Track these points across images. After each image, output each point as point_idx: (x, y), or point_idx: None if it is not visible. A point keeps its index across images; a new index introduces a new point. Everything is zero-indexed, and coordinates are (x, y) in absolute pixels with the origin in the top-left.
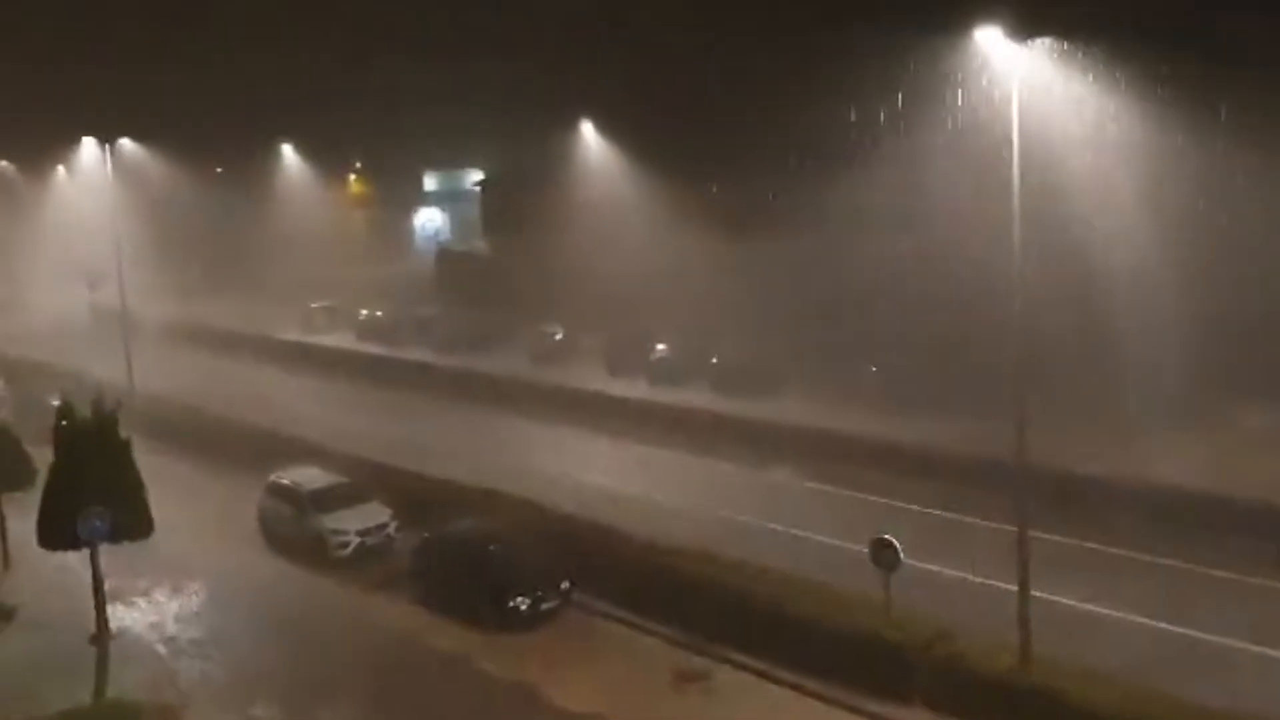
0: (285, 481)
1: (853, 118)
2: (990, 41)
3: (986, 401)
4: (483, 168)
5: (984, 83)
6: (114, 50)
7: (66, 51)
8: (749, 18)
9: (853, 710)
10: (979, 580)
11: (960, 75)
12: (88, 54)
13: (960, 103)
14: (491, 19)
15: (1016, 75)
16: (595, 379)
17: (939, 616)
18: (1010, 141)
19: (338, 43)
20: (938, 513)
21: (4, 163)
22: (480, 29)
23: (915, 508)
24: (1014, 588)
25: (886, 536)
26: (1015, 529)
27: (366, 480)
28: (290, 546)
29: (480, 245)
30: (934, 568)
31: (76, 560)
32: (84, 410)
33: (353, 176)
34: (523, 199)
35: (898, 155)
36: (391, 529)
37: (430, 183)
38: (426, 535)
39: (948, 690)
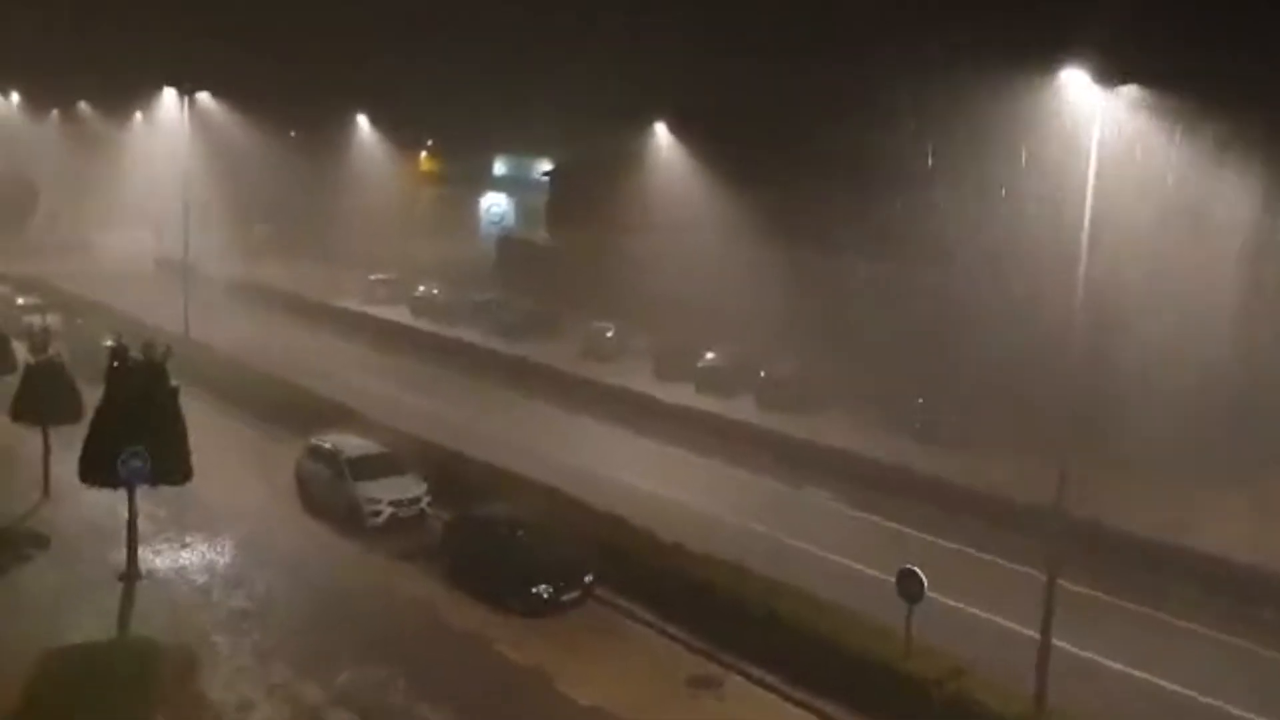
0: (326, 445)
1: (930, 146)
2: (1076, 83)
3: (1033, 446)
4: (553, 157)
5: (1066, 124)
6: (205, 5)
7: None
8: (839, 36)
9: None
10: (1002, 622)
11: (1043, 114)
12: (173, 2)
13: (1041, 143)
14: (581, 11)
15: (1098, 118)
16: (642, 380)
17: (958, 653)
18: (1086, 184)
19: (423, 19)
20: (970, 551)
21: (84, 104)
22: (567, 20)
23: (947, 543)
24: (1036, 634)
25: (913, 568)
26: (1044, 575)
27: (404, 452)
28: (324, 509)
29: (542, 235)
30: (959, 605)
31: (114, 498)
32: (136, 353)
33: (424, 153)
34: (589, 193)
35: (971, 187)
36: (425, 503)
37: (500, 167)
38: (458, 513)
39: None
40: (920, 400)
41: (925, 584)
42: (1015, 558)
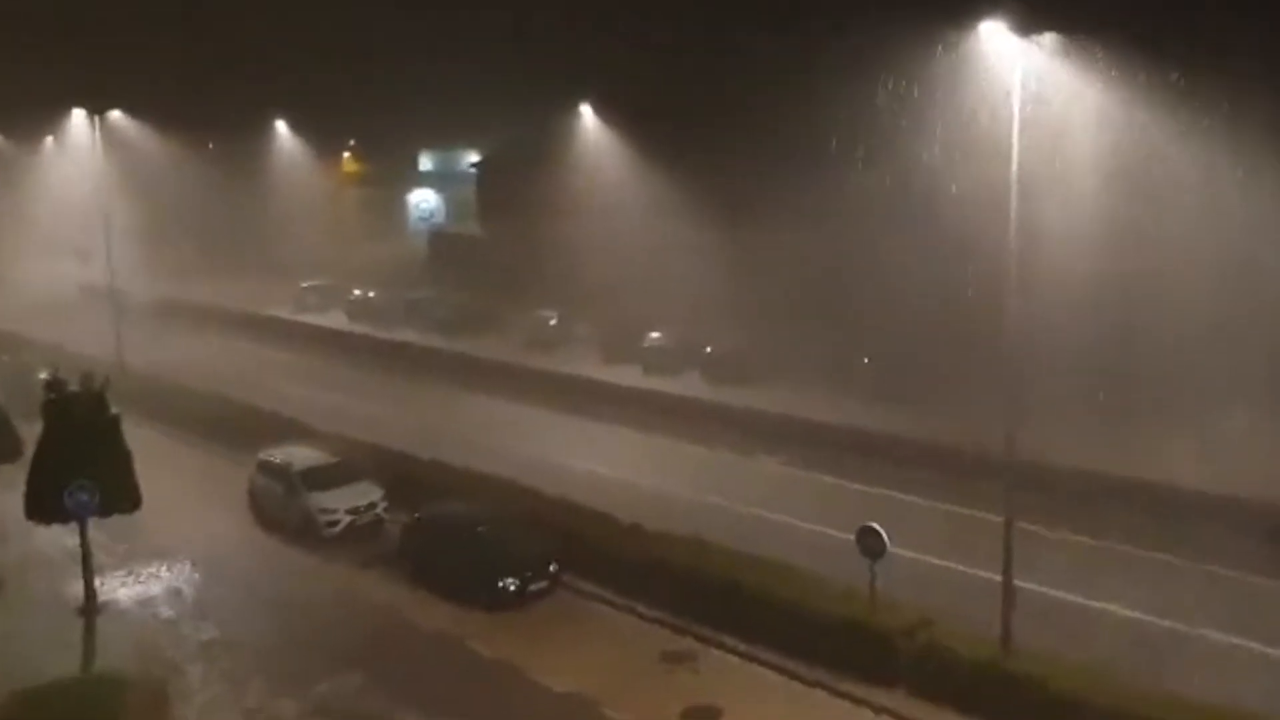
0: (275, 459)
1: (852, 110)
2: (995, 35)
3: (979, 396)
4: (479, 149)
5: (987, 78)
6: (105, 19)
7: (57, 20)
8: (753, 5)
9: (836, 693)
10: (965, 569)
11: (964, 69)
12: (79, 22)
13: (963, 97)
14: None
15: (1019, 70)
16: (589, 365)
17: (923, 604)
18: (1010, 136)
19: (334, 18)
20: (926, 502)
21: None
22: (481, 8)
23: (903, 496)
24: (996, 577)
25: (873, 524)
26: (1001, 519)
27: (356, 460)
28: (280, 523)
29: (474, 227)
30: (921, 557)
31: (64, 533)
32: (72, 385)
33: (347, 154)
34: (519, 181)
35: (896, 148)
36: (381, 508)
37: (425, 163)
38: (416, 515)
39: (930, 676)
40: (865, 360)
41: (886, 540)
42: (971, 504)
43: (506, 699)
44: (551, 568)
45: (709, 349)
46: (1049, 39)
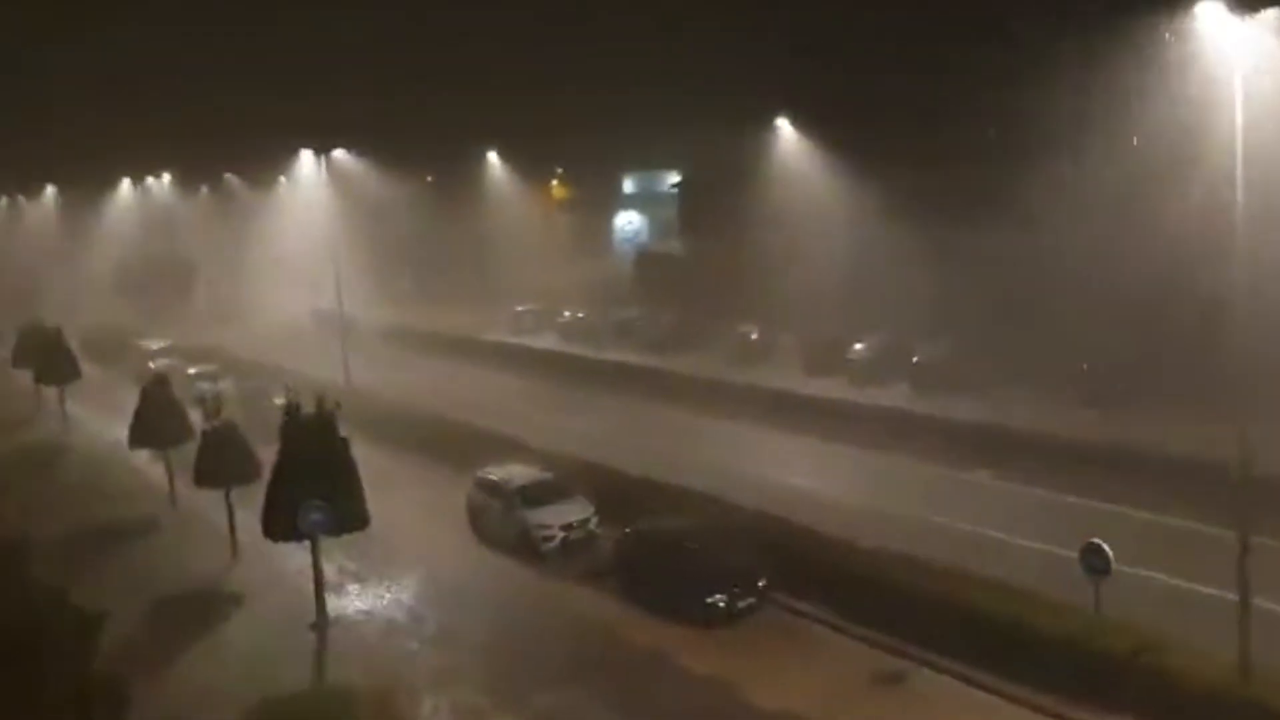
0: (493, 477)
1: (1059, 105)
2: (1211, 16)
3: (1206, 403)
4: (680, 169)
5: (1205, 61)
6: (329, 66)
7: (284, 67)
8: (957, 9)
9: (1058, 718)
10: (1197, 588)
11: (1180, 53)
12: (304, 69)
13: (1179, 83)
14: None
15: (1240, 53)
16: (792, 378)
17: (1151, 625)
18: (1233, 123)
19: (537, 51)
20: (1153, 517)
21: (229, 176)
22: (677, 29)
23: (1129, 511)
24: (1233, 597)
25: (1097, 541)
26: (1236, 535)
27: (569, 476)
28: (497, 539)
29: (676, 246)
30: (1149, 574)
31: (298, 550)
32: (307, 409)
33: (555, 182)
34: (718, 198)
35: (1108, 141)
36: (594, 524)
37: (629, 185)
38: (627, 531)
39: (1159, 701)
40: (1084, 367)
41: (1111, 557)
42: (1203, 519)
43: (720, 717)
44: (760, 584)
45: (916, 358)
46: (1272, 15)
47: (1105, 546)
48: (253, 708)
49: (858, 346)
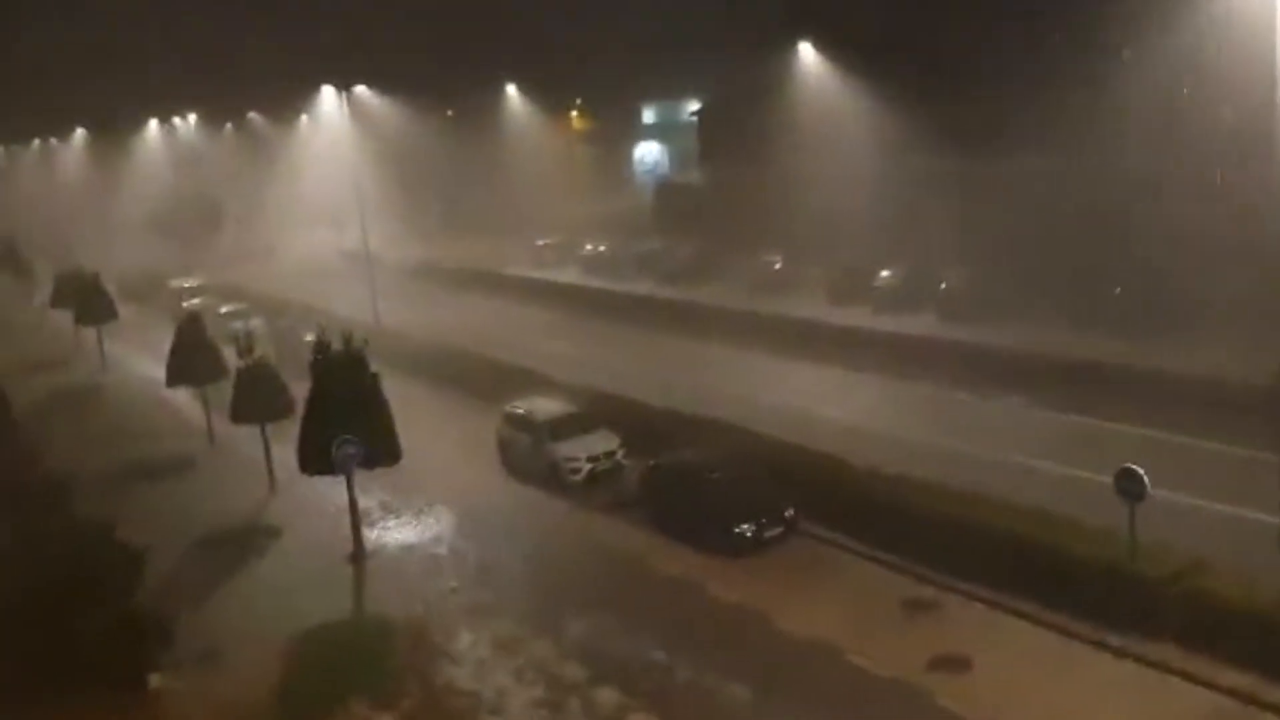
0: (520, 411)
1: (1090, 32)
2: None
3: (1244, 328)
4: (700, 98)
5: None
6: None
7: (304, 4)
8: None
9: (1097, 644)
10: (1237, 511)
11: None
12: (324, 6)
13: (1211, 15)
14: None
15: None
16: (816, 307)
17: (1189, 549)
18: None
19: None
20: (1187, 440)
21: (253, 114)
22: None
23: (1162, 434)
24: (1274, 519)
25: (1132, 466)
26: (1275, 457)
27: (594, 409)
28: (526, 472)
29: (697, 176)
30: (1185, 499)
31: (333, 484)
32: (336, 345)
33: (574, 113)
34: (739, 126)
35: (1137, 71)
36: (620, 455)
37: (648, 115)
38: (652, 462)
39: (1200, 625)
40: (1116, 291)
41: (1146, 481)
42: (1238, 442)
43: (750, 643)
44: (787, 513)
45: (943, 285)
46: None
47: (1140, 471)
48: (292, 639)
49: (883, 274)
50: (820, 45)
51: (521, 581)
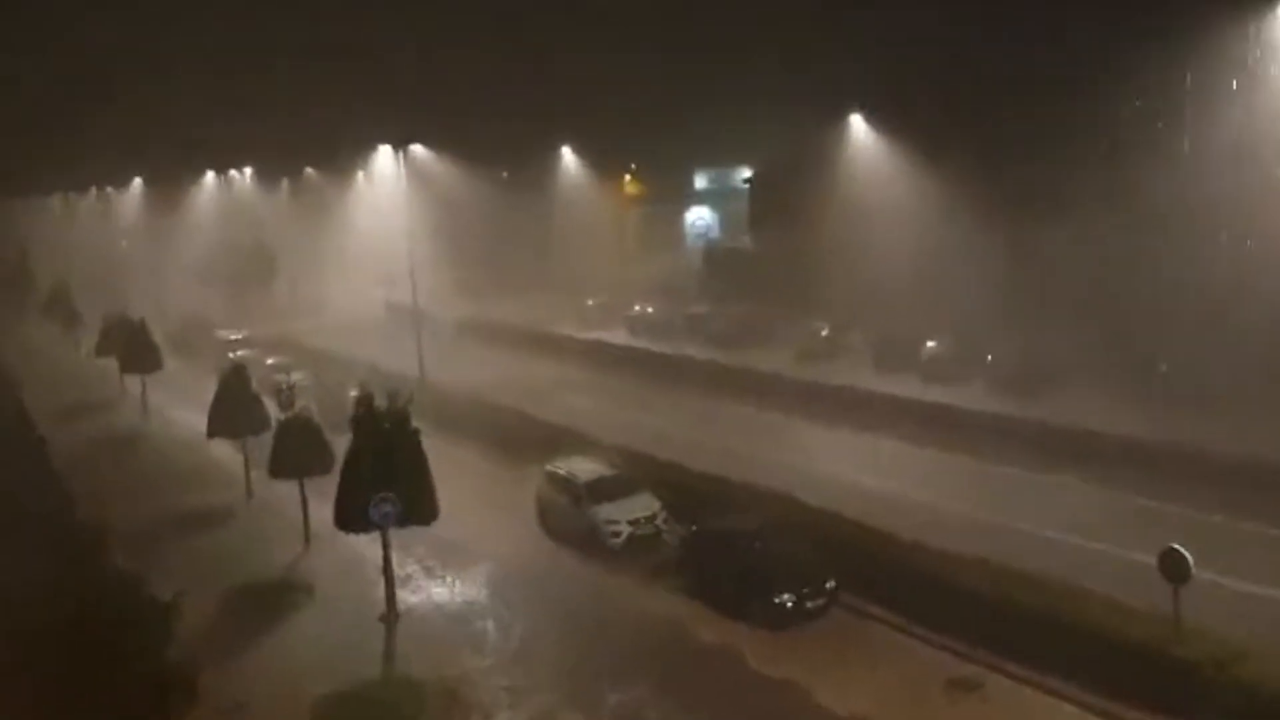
0: (561, 471)
1: (1138, 104)
2: None
3: None
4: (752, 164)
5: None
6: (407, 62)
7: (363, 66)
8: (1024, 5)
9: None
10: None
11: (1261, 54)
12: (382, 68)
13: (1260, 82)
14: (761, 12)
15: None
16: (863, 376)
17: (1234, 634)
18: None
19: (614, 45)
20: (1236, 521)
21: (309, 170)
22: (748, 25)
23: (1210, 515)
24: None
25: (1176, 546)
26: None
27: (636, 471)
28: (566, 534)
29: (747, 241)
30: (1233, 582)
31: (369, 542)
32: (380, 401)
33: (628, 177)
34: (790, 194)
35: (1183, 138)
36: (661, 520)
37: (701, 181)
38: (694, 528)
39: (1245, 715)
40: (1163, 368)
41: (1191, 562)
42: None
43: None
44: (829, 584)
45: (990, 357)
46: None
47: (1184, 552)
48: (321, 698)
49: (930, 344)
50: (870, 117)
51: (557, 649)
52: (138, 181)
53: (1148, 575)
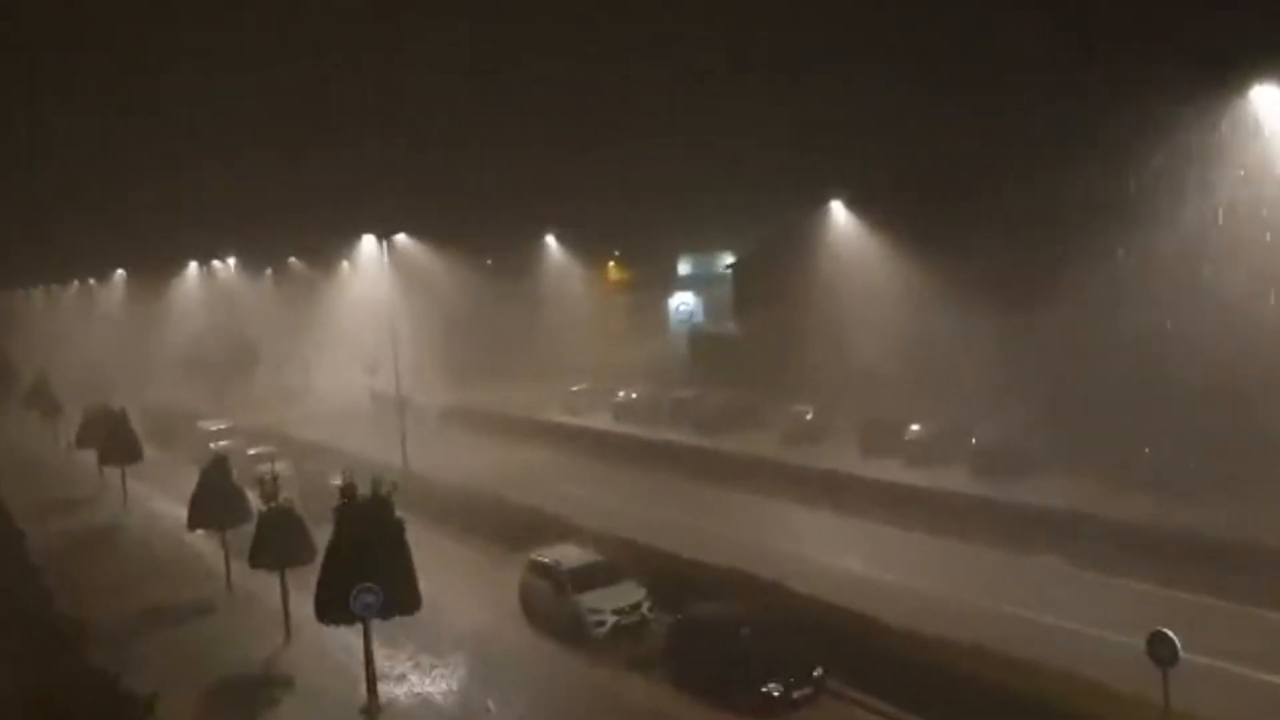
0: (545, 560)
1: (1118, 185)
2: (1268, 99)
3: (1273, 489)
4: (734, 250)
5: (1262, 144)
6: (391, 153)
7: (346, 157)
8: (1003, 82)
9: None
10: (1269, 679)
11: (1236, 135)
12: (365, 157)
13: (1235, 166)
14: (740, 105)
15: None
16: (847, 460)
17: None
18: None
19: (597, 134)
20: (1224, 604)
21: (293, 259)
22: (728, 115)
23: (1197, 597)
24: None
25: (1164, 630)
26: None
27: (621, 558)
28: (549, 623)
29: (731, 326)
30: (1224, 665)
31: (351, 634)
32: (363, 490)
33: (611, 264)
34: (773, 279)
35: (1168, 225)
36: (646, 609)
37: (684, 267)
38: (679, 616)
39: None
40: (1146, 451)
41: (1179, 646)
42: (1275, 606)
43: None
44: (816, 673)
45: (974, 440)
46: None
47: (1172, 635)
48: None
49: (914, 428)
50: (851, 203)
51: None
52: (119, 273)
53: (1137, 657)
